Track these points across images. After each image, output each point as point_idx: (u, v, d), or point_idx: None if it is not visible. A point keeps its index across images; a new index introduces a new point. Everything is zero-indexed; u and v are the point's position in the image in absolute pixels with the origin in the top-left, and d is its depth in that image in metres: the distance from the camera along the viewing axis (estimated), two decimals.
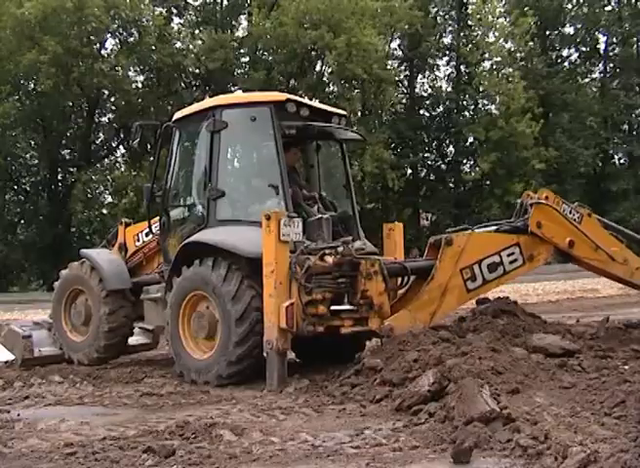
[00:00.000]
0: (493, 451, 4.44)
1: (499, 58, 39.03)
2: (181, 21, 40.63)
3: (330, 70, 36.94)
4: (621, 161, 45.69)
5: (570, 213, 8.62)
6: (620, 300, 17.51)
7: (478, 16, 39.17)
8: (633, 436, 4.40)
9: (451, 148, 43.61)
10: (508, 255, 8.26)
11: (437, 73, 44.59)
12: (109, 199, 38.15)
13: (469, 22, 41.41)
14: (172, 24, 39.31)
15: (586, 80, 46.04)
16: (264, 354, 7.20)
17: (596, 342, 7.71)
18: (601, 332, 8.14)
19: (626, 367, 6.60)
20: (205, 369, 7.64)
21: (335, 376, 7.20)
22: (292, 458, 4.58)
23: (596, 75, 46.20)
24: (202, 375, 7.64)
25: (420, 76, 44.48)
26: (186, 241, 8.11)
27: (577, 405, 5.35)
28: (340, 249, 7.54)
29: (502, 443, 4.52)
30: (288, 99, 8.20)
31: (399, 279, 8.27)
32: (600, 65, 45.78)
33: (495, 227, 8.65)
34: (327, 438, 5.01)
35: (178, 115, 8.95)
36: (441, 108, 43.25)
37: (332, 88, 38.47)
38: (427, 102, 43.72)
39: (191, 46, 37.75)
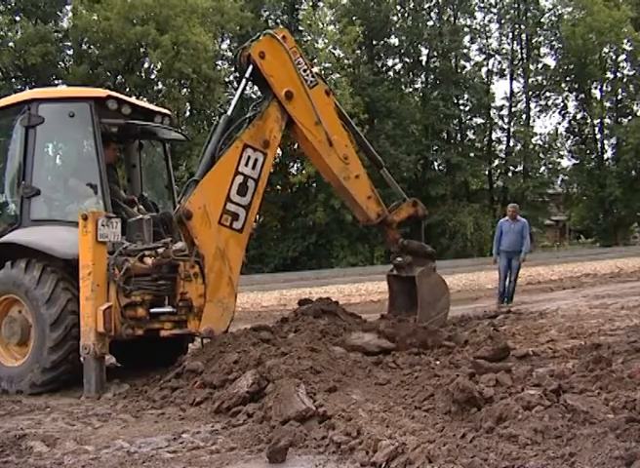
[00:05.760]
0: (308, 449, 4.52)
1: (327, 64, 40.01)
2: None
3: (158, 68, 36.27)
4: (440, 167, 48.37)
5: (304, 71, 8.08)
6: None
7: (308, 22, 40.05)
8: (440, 427, 4.65)
9: (278, 151, 44.12)
10: (247, 164, 7.78)
11: None
12: None
13: (300, 28, 42.17)
14: None
15: (409, 90, 48.38)
16: (81, 359, 6.95)
17: (411, 339, 8.03)
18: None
19: (437, 362, 6.95)
20: (17, 377, 7.26)
21: (155, 380, 7.06)
22: (105, 467, 4.44)
23: (418, 85, 48.74)
24: (14, 384, 7.26)
25: None
26: None
27: (390, 400, 5.56)
28: (160, 250, 7.43)
29: (318, 440, 4.61)
30: (109, 96, 7.95)
31: None
32: (422, 76, 48.28)
33: (213, 145, 7.80)
34: (143, 444, 4.91)
35: None
36: None
37: (160, 86, 37.81)
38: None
39: (10, 34, 35.57)
